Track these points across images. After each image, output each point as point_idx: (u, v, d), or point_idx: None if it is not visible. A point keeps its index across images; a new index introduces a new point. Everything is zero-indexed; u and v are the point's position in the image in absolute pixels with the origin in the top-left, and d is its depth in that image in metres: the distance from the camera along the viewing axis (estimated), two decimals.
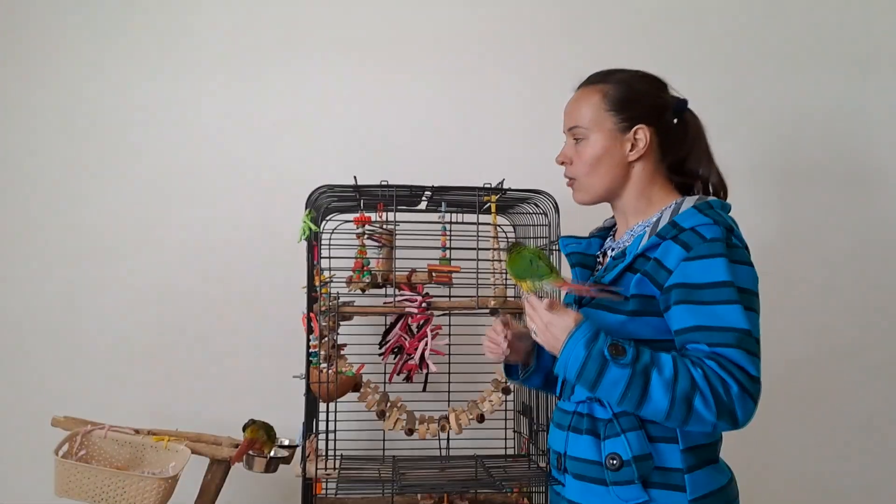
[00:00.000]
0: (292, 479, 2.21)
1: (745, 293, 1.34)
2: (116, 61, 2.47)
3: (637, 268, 1.42)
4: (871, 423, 2.59)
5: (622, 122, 1.50)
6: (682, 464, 1.38)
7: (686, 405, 1.27)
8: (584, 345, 1.31)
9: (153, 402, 2.41)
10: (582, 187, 1.54)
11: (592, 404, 1.45)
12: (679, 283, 1.35)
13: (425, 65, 2.53)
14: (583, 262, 1.61)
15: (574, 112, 1.53)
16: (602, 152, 1.50)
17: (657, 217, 1.48)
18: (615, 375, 1.29)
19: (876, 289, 2.61)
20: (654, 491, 1.37)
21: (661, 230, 1.41)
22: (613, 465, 1.38)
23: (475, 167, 2.40)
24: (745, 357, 1.29)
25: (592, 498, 1.42)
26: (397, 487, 1.74)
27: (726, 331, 1.30)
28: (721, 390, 1.27)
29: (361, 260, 1.94)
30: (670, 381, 1.28)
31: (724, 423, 1.29)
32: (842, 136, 2.62)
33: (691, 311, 1.33)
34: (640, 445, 1.37)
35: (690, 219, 1.40)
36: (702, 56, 2.60)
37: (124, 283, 2.43)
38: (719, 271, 1.33)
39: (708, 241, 1.35)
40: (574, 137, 1.53)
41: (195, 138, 2.47)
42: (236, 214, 2.46)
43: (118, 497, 1.88)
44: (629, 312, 1.41)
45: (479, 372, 2.12)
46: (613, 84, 1.52)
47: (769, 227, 2.58)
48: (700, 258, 1.34)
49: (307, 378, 1.93)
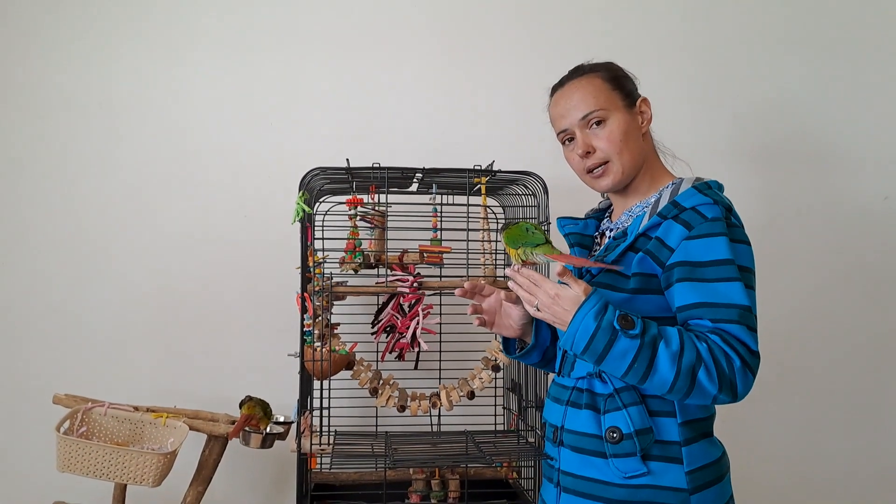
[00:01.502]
0: (288, 455, 2.27)
1: (744, 271, 1.38)
2: (110, 48, 2.48)
3: (638, 247, 1.45)
4: (849, 399, 2.65)
5: (627, 98, 1.54)
6: (679, 437, 1.41)
7: (690, 377, 1.31)
8: (594, 316, 1.32)
9: (152, 380, 2.45)
10: (615, 168, 1.52)
11: (592, 380, 1.48)
12: (681, 262, 1.38)
13: (416, 49, 2.55)
14: (581, 243, 1.63)
15: (582, 101, 1.53)
16: (628, 127, 1.52)
17: (656, 197, 1.51)
18: (624, 347, 1.31)
19: (852, 266, 2.66)
20: (653, 463, 1.40)
21: (662, 210, 1.44)
22: (614, 437, 1.41)
23: (465, 150, 2.43)
24: (746, 332, 1.33)
25: (591, 470, 1.44)
26: (390, 462, 1.78)
27: (728, 307, 1.34)
28: (724, 364, 1.31)
29: (354, 241, 1.96)
30: (677, 354, 1.31)
31: (725, 395, 1.32)
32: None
33: (694, 288, 1.37)
34: (641, 419, 1.40)
35: (691, 198, 1.43)
36: (683, 40, 2.63)
37: (123, 264, 2.46)
38: (721, 249, 1.36)
39: (709, 220, 1.39)
40: (590, 124, 1.52)
41: (190, 122, 2.49)
42: (232, 197, 2.48)
43: (118, 472, 1.92)
44: (631, 290, 1.44)
45: (469, 350, 2.16)
46: (602, 70, 1.56)
47: (750, 208, 2.62)
48: (702, 237, 1.38)
49: (301, 356, 1.97)
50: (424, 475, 2.14)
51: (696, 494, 1.40)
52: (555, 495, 1.52)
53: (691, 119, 2.57)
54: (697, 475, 1.41)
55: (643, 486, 1.40)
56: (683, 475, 1.40)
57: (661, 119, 1.62)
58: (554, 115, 1.59)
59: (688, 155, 1.66)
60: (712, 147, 2.56)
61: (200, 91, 2.50)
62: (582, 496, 1.45)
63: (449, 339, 2.20)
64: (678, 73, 2.59)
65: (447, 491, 2.12)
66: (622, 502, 1.41)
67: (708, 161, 1.60)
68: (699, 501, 1.40)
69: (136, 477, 1.92)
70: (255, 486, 2.47)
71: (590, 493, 1.44)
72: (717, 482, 1.44)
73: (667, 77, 2.57)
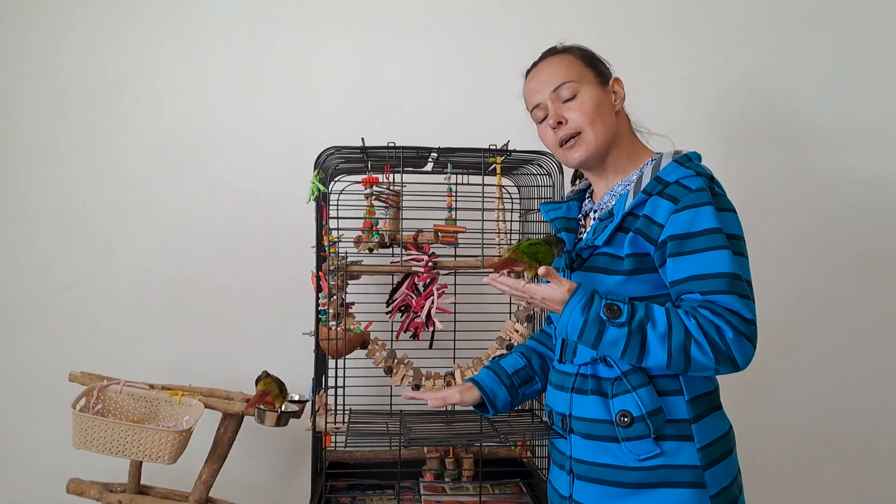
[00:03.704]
0: (302, 433, 2.29)
1: (733, 238, 1.39)
2: (122, 30, 2.48)
3: (627, 227, 1.45)
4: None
5: (600, 76, 1.56)
6: (688, 414, 1.42)
7: (683, 355, 1.32)
8: (581, 310, 1.35)
9: (167, 358, 2.46)
10: (585, 140, 1.52)
11: (596, 365, 1.48)
12: (671, 236, 1.39)
13: (432, 28, 2.53)
14: (567, 227, 1.63)
15: (555, 74, 1.54)
16: (599, 99, 1.53)
17: (638, 175, 1.51)
18: (614, 336, 1.34)
19: (848, 247, 2.65)
20: (666, 444, 1.41)
21: (646, 187, 1.44)
22: (625, 421, 1.41)
23: (480, 129, 2.41)
24: (738, 301, 1.33)
25: (605, 456, 1.45)
26: (405, 441, 1.78)
27: (717, 277, 1.34)
28: (716, 337, 1.32)
29: (369, 220, 1.96)
30: (665, 334, 1.33)
31: (725, 367, 1.34)
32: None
33: (684, 262, 1.37)
34: (652, 400, 1.41)
35: (673, 173, 1.43)
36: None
37: (140, 243, 2.47)
38: (708, 219, 1.37)
39: (693, 191, 1.39)
40: (563, 97, 1.53)
41: (207, 102, 2.49)
42: (248, 175, 2.48)
43: (134, 449, 1.93)
44: (626, 272, 1.44)
45: (484, 330, 2.16)
46: (575, 50, 1.59)
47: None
48: (688, 208, 1.38)
49: (316, 335, 1.97)
50: (438, 454, 2.16)
51: (709, 470, 1.41)
52: (567, 483, 1.52)
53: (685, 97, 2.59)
54: (710, 450, 1.42)
55: (658, 467, 1.41)
56: (696, 452, 1.41)
57: (651, 98, 1.64)
58: (527, 92, 1.61)
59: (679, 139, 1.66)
60: (696, 125, 2.56)
61: (215, 71, 2.49)
62: (597, 482, 1.46)
63: (463, 318, 2.20)
64: (688, 52, 2.58)
65: (461, 469, 2.14)
66: (638, 485, 1.42)
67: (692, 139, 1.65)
68: (712, 476, 1.41)
69: (152, 454, 1.93)
70: (270, 464, 2.49)
71: (605, 479, 1.45)
72: (726, 456, 1.46)
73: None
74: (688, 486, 1.39)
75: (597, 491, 1.45)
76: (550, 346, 1.74)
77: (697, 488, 1.39)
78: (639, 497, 1.41)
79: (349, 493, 2.05)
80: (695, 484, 1.39)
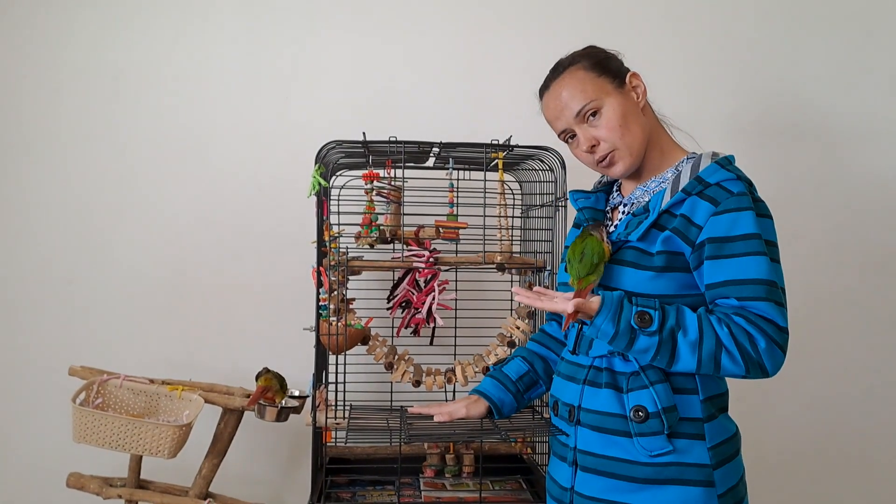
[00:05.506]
0: (303, 429, 2.28)
1: (771, 245, 1.39)
2: (124, 20, 2.47)
3: (663, 224, 1.43)
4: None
5: (616, 79, 1.52)
6: (702, 413, 1.42)
7: (713, 363, 1.33)
8: (611, 320, 1.35)
9: (167, 353, 2.46)
10: (623, 153, 1.50)
11: (612, 359, 1.48)
12: (710, 238, 1.38)
13: (433, 22, 2.52)
14: (594, 217, 1.62)
15: (571, 98, 1.50)
16: (624, 109, 1.49)
17: (674, 173, 1.49)
18: (644, 344, 1.35)
19: (864, 243, 2.64)
20: (678, 441, 1.41)
21: (685, 186, 1.42)
22: (640, 416, 1.41)
23: (482, 124, 2.41)
24: (774, 308, 1.33)
25: (614, 449, 1.44)
26: (405, 437, 1.77)
27: (755, 283, 1.34)
28: (748, 346, 1.32)
29: (370, 216, 1.95)
30: (696, 342, 1.33)
31: (755, 374, 1.34)
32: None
33: (721, 266, 1.37)
34: (668, 397, 1.40)
35: (714, 174, 1.42)
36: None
37: (140, 237, 2.47)
38: (748, 224, 1.36)
39: (735, 195, 1.39)
40: (586, 118, 1.50)
41: (207, 96, 2.48)
42: (248, 169, 2.48)
43: (134, 443, 1.93)
44: (656, 269, 1.43)
45: (485, 326, 2.15)
46: (582, 59, 1.53)
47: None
48: (729, 212, 1.38)
49: (317, 331, 1.97)
50: (439, 450, 2.15)
51: (719, 470, 1.41)
52: (569, 474, 1.51)
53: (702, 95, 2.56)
54: (720, 450, 1.42)
55: (669, 464, 1.41)
56: (706, 451, 1.41)
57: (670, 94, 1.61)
58: (549, 117, 1.58)
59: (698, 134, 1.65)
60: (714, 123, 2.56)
61: (216, 66, 2.49)
62: (604, 475, 1.45)
63: (464, 314, 2.19)
64: (689, 49, 2.57)
65: (461, 466, 2.14)
66: (648, 480, 1.41)
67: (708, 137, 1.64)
68: (721, 476, 1.41)
69: (152, 448, 1.93)
70: (270, 459, 2.49)
71: (613, 473, 1.44)
72: (734, 457, 1.46)
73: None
74: (697, 485, 1.39)
75: (603, 484, 1.45)
76: (552, 348, 1.73)
77: (706, 487, 1.39)
78: (647, 493, 1.41)
79: (349, 488, 2.05)
80: (704, 482, 1.39)
